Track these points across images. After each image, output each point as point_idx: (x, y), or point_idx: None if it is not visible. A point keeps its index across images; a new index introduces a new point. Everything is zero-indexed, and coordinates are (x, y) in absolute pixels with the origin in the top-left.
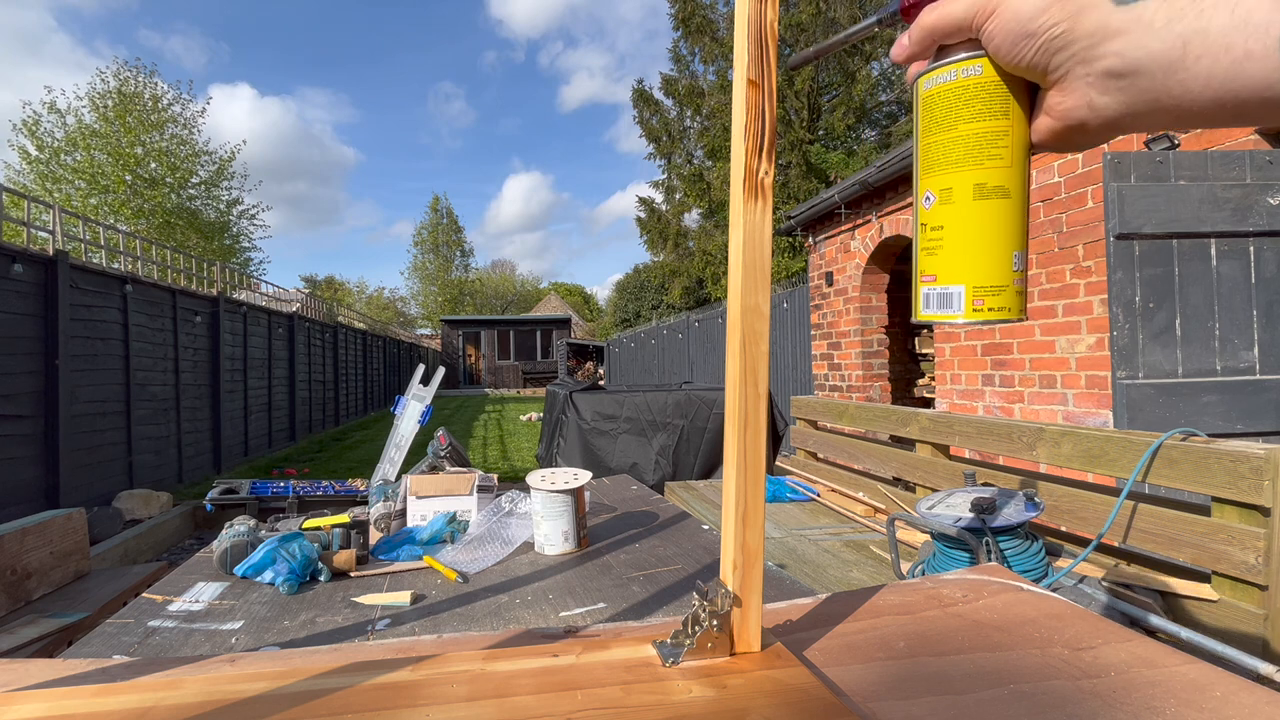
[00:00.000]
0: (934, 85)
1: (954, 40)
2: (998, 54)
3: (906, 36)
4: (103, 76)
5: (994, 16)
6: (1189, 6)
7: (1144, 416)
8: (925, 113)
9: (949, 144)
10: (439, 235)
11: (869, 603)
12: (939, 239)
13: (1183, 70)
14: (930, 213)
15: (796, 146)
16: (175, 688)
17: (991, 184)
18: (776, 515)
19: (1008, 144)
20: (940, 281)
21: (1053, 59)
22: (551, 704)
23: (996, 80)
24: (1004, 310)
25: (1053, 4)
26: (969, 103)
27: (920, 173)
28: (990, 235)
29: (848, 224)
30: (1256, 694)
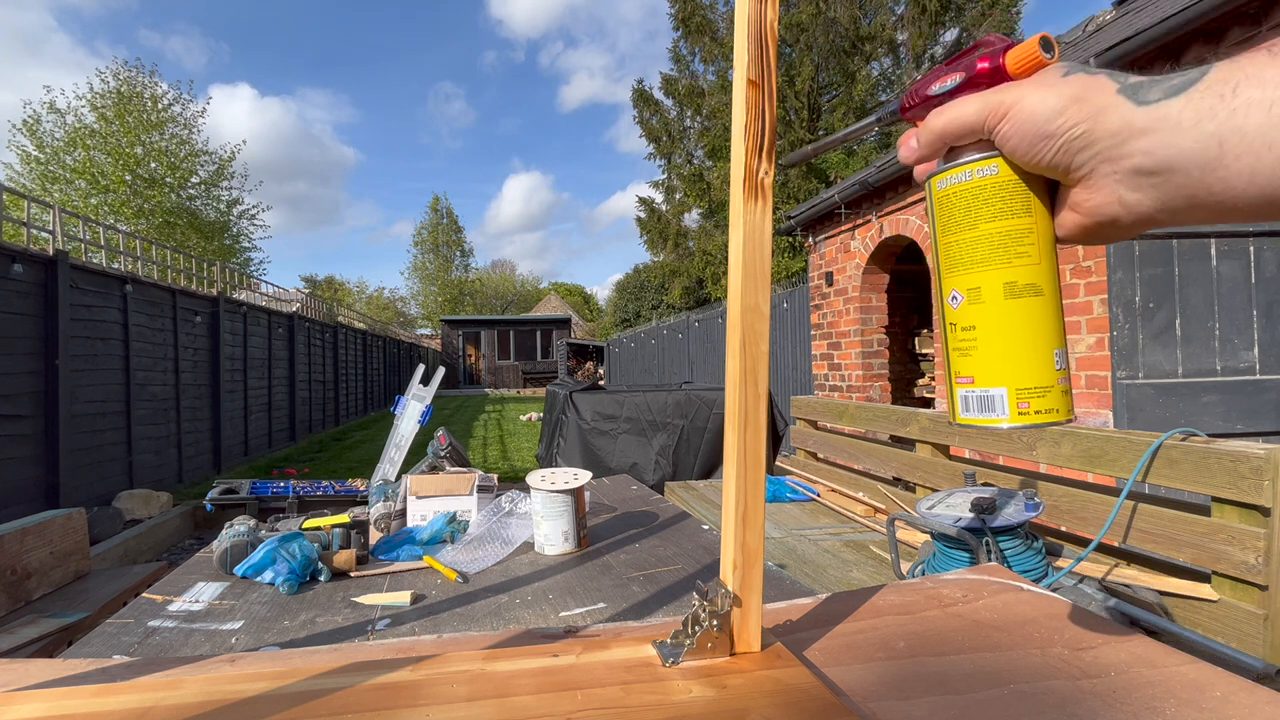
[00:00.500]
0: (948, 185)
1: (965, 142)
2: (1014, 154)
3: (914, 139)
4: (102, 76)
5: (1007, 119)
6: (1217, 106)
7: (1144, 416)
8: (942, 212)
9: (972, 243)
10: (439, 235)
11: (869, 603)
12: (972, 339)
13: (1222, 168)
14: (959, 312)
15: (796, 146)
16: (175, 688)
17: (1022, 282)
18: (776, 515)
19: (1034, 241)
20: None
21: (1074, 158)
22: (551, 704)
23: (1014, 179)
24: (1051, 412)
25: (1070, 104)
26: (988, 202)
27: (943, 271)
28: (1028, 335)
29: (848, 224)
30: (1256, 694)
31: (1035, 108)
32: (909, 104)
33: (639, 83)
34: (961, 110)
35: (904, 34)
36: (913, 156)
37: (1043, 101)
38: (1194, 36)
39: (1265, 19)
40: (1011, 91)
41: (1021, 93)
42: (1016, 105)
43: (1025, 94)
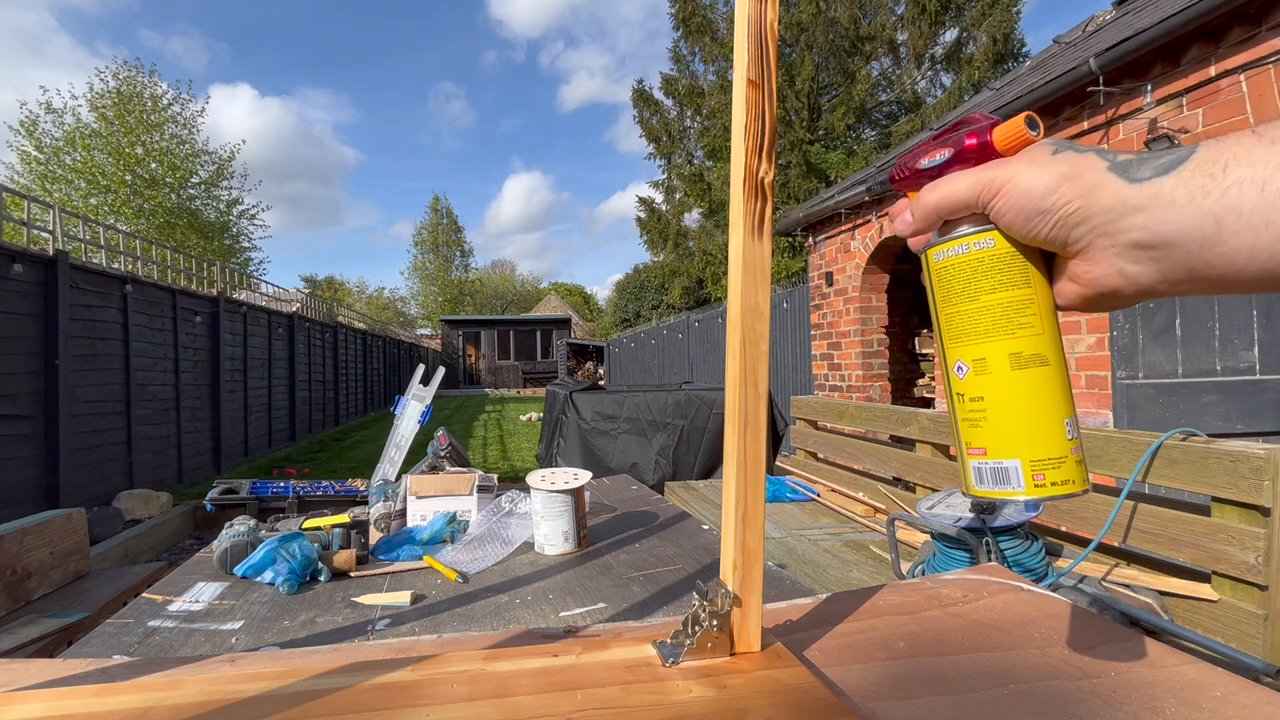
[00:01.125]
0: (945, 258)
1: (959, 216)
2: (1010, 229)
3: (909, 213)
4: (102, 76)
5: (1001, 195)
6: (1209, 184)
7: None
8: (940, 284)
9: (974, 315)
10: (439, 235)
11: (869, 603)
12: (981, 411)
13: (1221, 244)
14: (965, 383)
15: (796, 146)
16: (175, 688)
17: (1028, 353)
18: (776, 515)
19: (1035, 311)
20: (992, 456)
21: (1071, 233)
22: (551, 704)
23: (1012, 251)
24: (1068, 484)
25: (1062, 182)
26: (987, 274)
27: (946, 341)
28: (1038, 406)
29: (848, 224)
30: (1256, 694)
31: (1028, 185)
32: (899, 175)
33: (639, 83)
34: (954, 186)
35: (904, 34)
36: (908, 229)
37: (1035, 179)
38: (1194, 36)
39: (1265, 19)
40: (1003, 169)
41: (1014, 170)
42: (1009, 182)
43: (1017, 171)
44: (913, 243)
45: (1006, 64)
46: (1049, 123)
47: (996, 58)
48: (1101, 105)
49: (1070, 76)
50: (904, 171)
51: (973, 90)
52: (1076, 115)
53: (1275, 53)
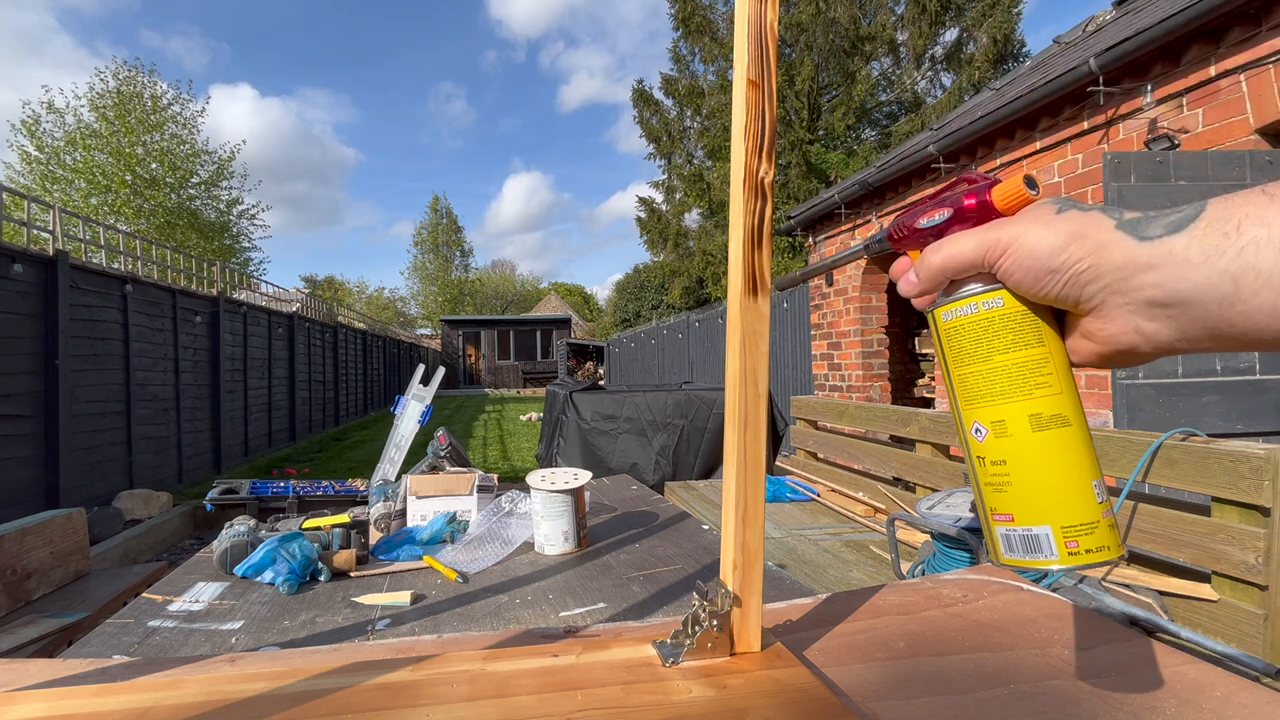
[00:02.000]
0: (954, 318)
1: (964, 276)
2: (1020, 288)
3: (913, 274)
4: (102, 76)
5: (1007, 255)
6: (1223, 244)
7: (1144, 416)
8: (951, 344)
9: (988, 376)
10: (439, 235)
11: (869, 603)
12: (1004, 475)
13: (1240, 303)
14: (985, 446)
15: (796, 146)
16: (175, 688)
17: (1048, 414)
18: (776, 515)
19: (1052, 370)
20: (1020, 523)
21: (1083, 291)
22: (551, 704)
23: (1022, 310)
24: (1103, 550)
25: (1070, 240)
26: (999, 334)
27: (961, 403)
28: (1064, 469)
29: (848, 224)
30: (1256, 694)
31: (1035, 244)
32: (897, 235)
33: (639, 83)
34: (958, 247)
35: (904, 34)
36: (913, 290)
37: (1042, 238)
38: (1194, 36)
39: (1265, 19)
40: (1007, 228)
41: (1019, 229)
42: (1016, 242)
43: (1023, 231)
44: (918, 302)
45: (1006, 64)
46: (1049, 122)
47: (996, 58)
48: (1101, 105)
49: (1070, 76)
50: (903, 231)
51: (973, 90)
52: (1076, 115)
53: (1275, 53)
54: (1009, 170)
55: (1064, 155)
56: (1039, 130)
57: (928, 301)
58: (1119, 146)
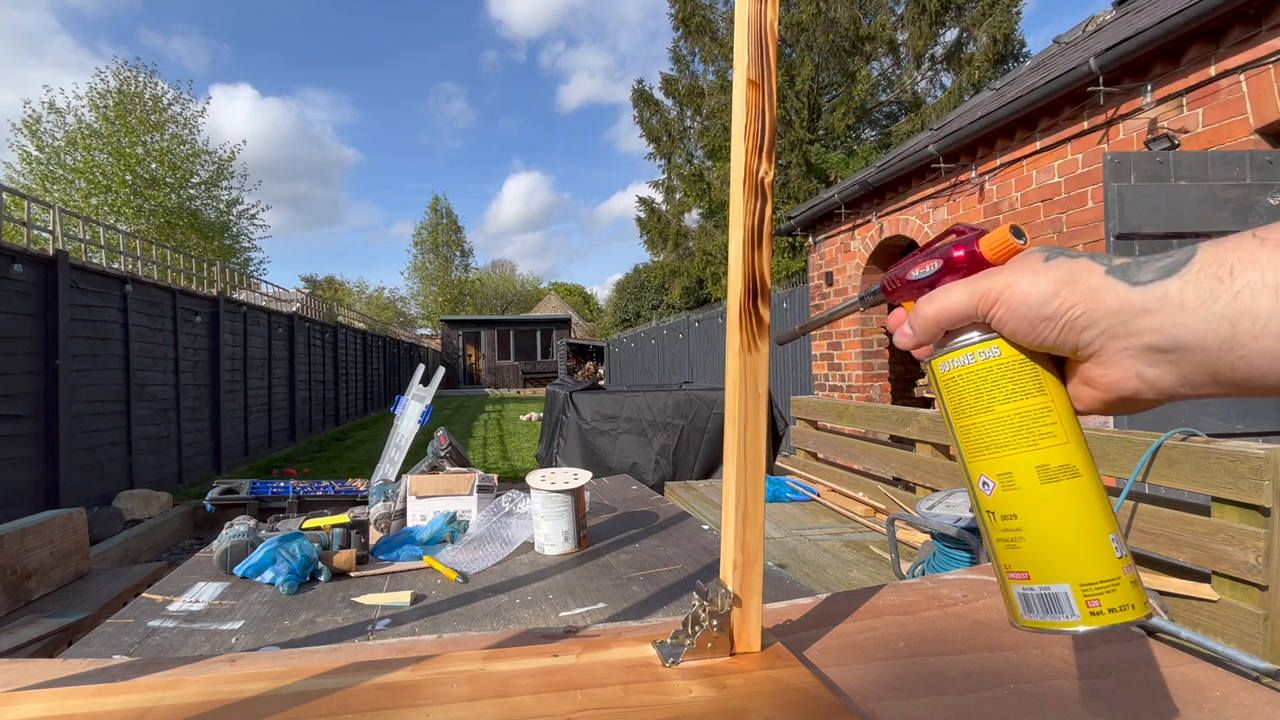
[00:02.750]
0: (952, 369)
1: (959, 326)
2: (1015, 336)
3: (908, 326)
4: (102, 76)
5: (1000, 304)
6: (1218, 288)
7: (1144, 416)
8: (951, 395)
9: (991, 427)
10: (439, 235)
11: (869, 603)
12: (1016, 530)
13: (1240, 348)
14: (994, 500)
15: (796, 146)
16: (175, 688)
17: (1055, 464)
18: (776, 515)
19: (1055, 419)
20: (1036, 580)
21: (1080, 337)
22: (551, 704)
23: (1020, 358)
24: (1127, 610)
25: (1062, 287)
26: (998, 384)
27: (966, 456)
28: (1078, 522)
29: (848, 224)
30: (1256, 694)
31: (1027, 292)
32: (890, 287)
33: (639, 83)
34: (951, 298)
35: (904, 34)
36: (910, 342)
37: (1033, 286)
38: (1194, 36)
39: (1265, 19)
40: (998, 278)
41: (1010, 278)
42: (1008, 291)
43: (1015, 279)
44: (916, 353)
45: (1006, 64)
46: (1049, 122)
47: (996, 58)
48: (1101, 105)
49: (1070, 76)
50: (895, 283)
51: (973, 90)
52: (1076, 115)
53: (1275, 53)
54: (1009, 170)
55: (1064, 155)
56: (1039, 130)
57: (925, 353)
58: (1119, 146)
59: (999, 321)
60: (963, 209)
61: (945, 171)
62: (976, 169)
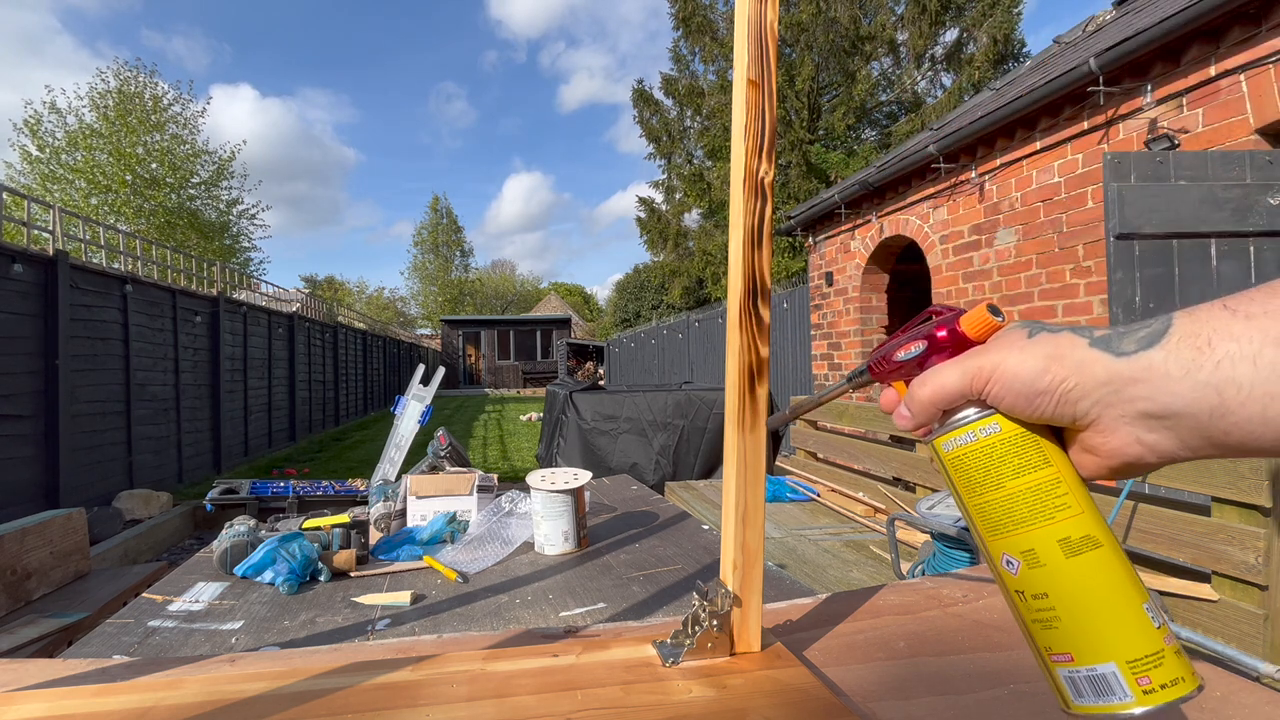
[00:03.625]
0: (955, 448)
1: (955, 405)
2: (1013, 411)
3: (905, 408)
4: (103, 76)
5: (994, 381)
6: (1199, 358)
7: None
8: (959, 475)
9: (1005, 504)
10: (439, 235)
11: (869, 603)
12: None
13: (1230, 414)
14: (1021, 579)
15: (796, 146)
16: (175, 688)
17: (1076, 536)
18: (776, 515)
19: (1066, 490)
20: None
21: (1075, 407)
22: (551, 704)
23: (1021, 431)
24: (1179, 684)
25: (1050, 362)
26: (1004, 459)
27: (985, 535)
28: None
29: (848, 224)
30: (1256, 694)
31: (1018, 369)
32: (878, 368)
33: (639, 83)
34: (944, 379)
35: (904, 34)
36: (909, 424)
37: (1023, 363)
38: (1194, 36)
39: (1265, 19)
40: (987, 356)
41: (999, 356)
42: (998, 369)
43: (1004, 357)
44: (916, 434)
45: (1006, 64)
46: (1049, 122)
47: (996, 58)
48: (1101, 105)
49: (1070, 76)
50: (882, 365)
51: (973, 90)
52: (1076, 115)
53: (1275, 53)
54: (1009, 170)
55: (1064, 155)
56: (1039, 130)
57: (925, 433)
58: (1119, 146)
59: (994, 398)
60: (963, 209)
61: (945, 171)
62: (976, 169)
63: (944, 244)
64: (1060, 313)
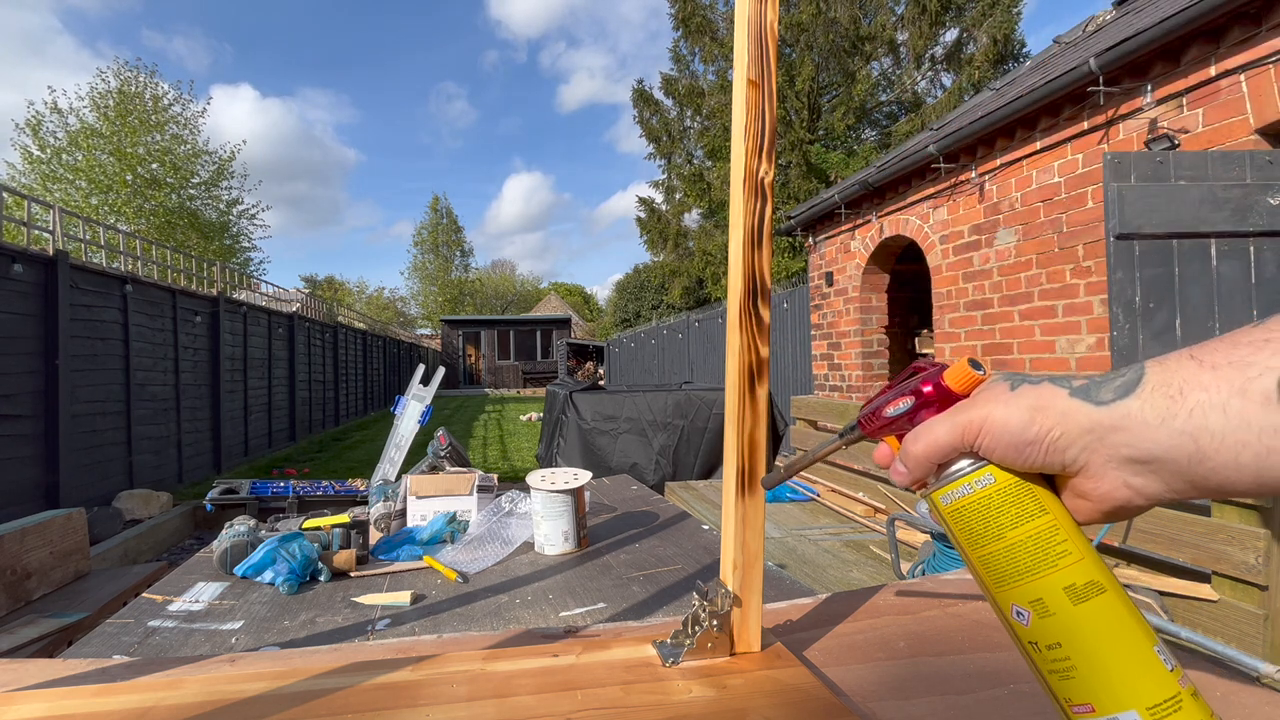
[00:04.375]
0: (953, 500)
1: (949, 459)
2: (1004, 462)
3: (900, 465)
4: (103, 76)
5: (984, 434)
6: (1173, 406)
7: None
8: (959, 526)
9: (1008, 554)
10: (439, 235)
11: (869, 603)
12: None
13: (1207, 460)
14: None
15: (796, 146)
16: (175, 688)
17: (1081, 583)
18: (776, 515)
19: (1065, 536)
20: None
21: (1064, 455)
22: (551, 704)
23: (1014, 481)
24: None
25: (1035, 414)
26: (1001, 509)
27: (992, 587)
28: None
29: (848, 224)
30: (1256, 694)
31: (1005, 421)
32: (869, 424)
33: (639, 83)
34: (935, 434)
35: (904, 34)
36: (905, 480)
37: (1010, 416)
38: (1194, 36)
39: (1265, 19)
40: (975, 410)
41: (986, 410)
42: (987, 422)
43: (990, 410)
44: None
45: (1006, 64)
46: (1049, 122)
47: (996, 58)
48: (1101, 105)
49: (1070, 76)
50: (872, 421)
51: (973, 90)
52: (1076, 115)
53: (1275, 53)
54: (1009, 170)
55: (1064, 155)
56: (1039, 130)
57: (920, 487)
58: (1119, 146)
59: (986, 450)
60: (963, 209)
61: (945, 171)
62: (976, 169)
63: (944, 244)
64: (1060, 313)
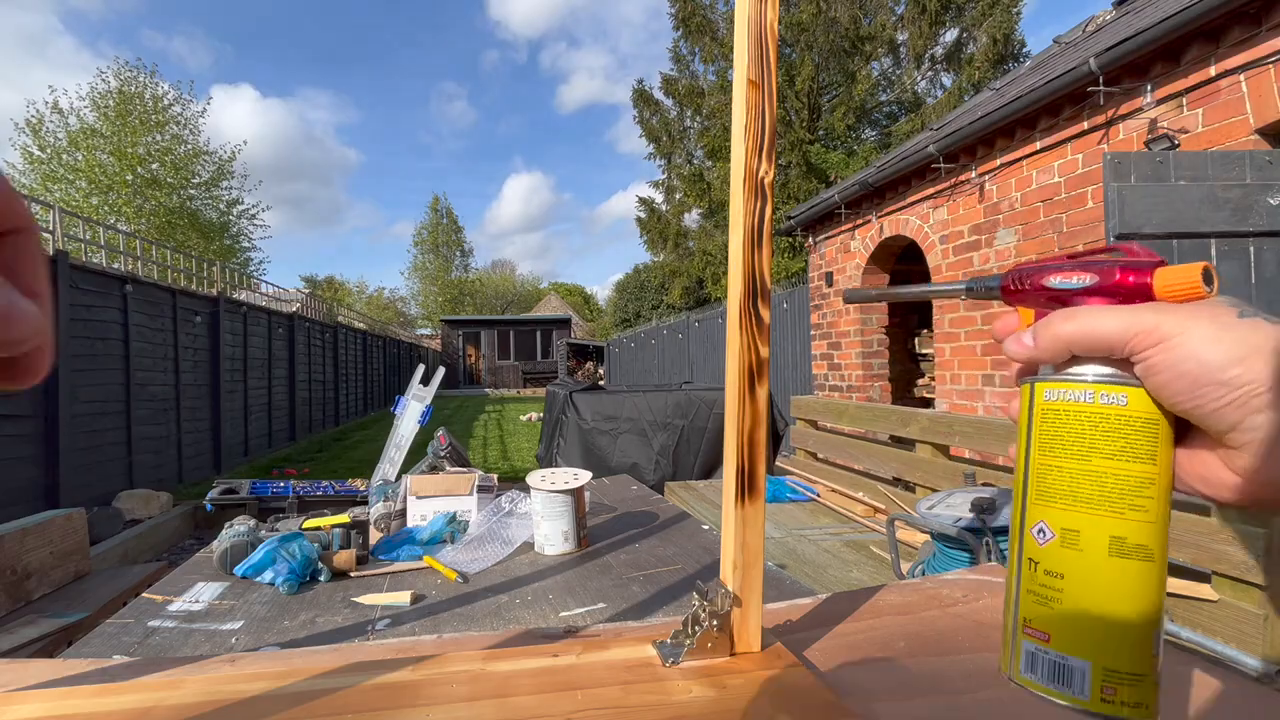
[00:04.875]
0: (1059, 399)
1: (1092, 355)
2: (1161, 391)
3: (1031, 336)
4: (103, 76)
5: (1161, 348)
6: None
7: None
8: (1044, 427)
9: (1078, 477)
10: (439, 235)
11: (869, 603)
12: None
13: None
14: (1044, 551)
15: (796, 146)
16: (175, 688)
17: (1133, 541)
18: (776, 515)
19: (1154, 494)
20: (1056, 646)
21: (1250, 418)
22: (551, 704)
23: (1150, 416)
24: (1139, 709)
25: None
26: (1109, 436)
27: (1031, 495)
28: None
29: (848, 224)
30: (1257, 694)
31: (1202, 348)
32: (1015, 286)
33: (639, 83)
34: (1100, 322)
35: (904, 34)
36: (1025, 354)
37: (1215, 341)
38: (1194, 36)
39: (1265, 19)
40: (1168, 316)
41: (1185, 323)
42: (1178, 337)
43: (1190, 326)
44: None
45: (1006, 64)
46: (1049, 122)
47: (996, 58)
48: (1101, 105)
49: (1070, 76)
50: (1022, 283)
51: (973, 90)
52: (1076, 115)
53: (1275, 53)
54: (1009, 170)
55: (1064, 155)
56: (1039, 130)
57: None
58: (1119, 146)
59: (1149, 368)
60: (963, 209)
61: (945, 171)
62: (976, 169)
63: (944, 244)
64: None
